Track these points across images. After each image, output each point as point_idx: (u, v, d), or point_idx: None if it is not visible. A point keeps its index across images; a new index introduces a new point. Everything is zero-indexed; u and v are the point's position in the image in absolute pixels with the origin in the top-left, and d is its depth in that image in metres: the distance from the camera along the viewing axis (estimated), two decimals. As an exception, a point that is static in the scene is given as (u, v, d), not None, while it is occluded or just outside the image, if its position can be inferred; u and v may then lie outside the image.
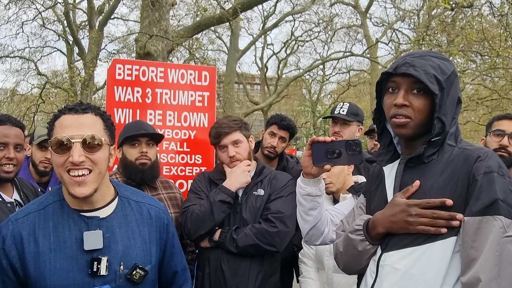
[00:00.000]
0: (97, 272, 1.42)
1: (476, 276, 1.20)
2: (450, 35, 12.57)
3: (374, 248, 1.47)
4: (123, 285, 1.48)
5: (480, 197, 1.25)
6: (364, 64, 26.15)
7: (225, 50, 22.81)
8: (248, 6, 11.03)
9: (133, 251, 1.51)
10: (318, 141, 1.55)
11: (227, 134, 2.35)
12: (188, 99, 3.07)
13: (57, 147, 1.40)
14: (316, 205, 1.66)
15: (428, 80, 1.34)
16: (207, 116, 3.10)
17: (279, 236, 2.22)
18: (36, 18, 21.31)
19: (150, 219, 1.60)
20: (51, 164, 2.72)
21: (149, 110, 2.98)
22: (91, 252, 1.44)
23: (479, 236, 1.23)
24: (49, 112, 30.52)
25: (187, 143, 3.05)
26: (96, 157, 1.43)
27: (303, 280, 2.45)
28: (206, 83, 3.13)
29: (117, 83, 2.96)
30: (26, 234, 1.42)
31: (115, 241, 1.49)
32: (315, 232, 1.71)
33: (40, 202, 1.52)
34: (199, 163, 3.04)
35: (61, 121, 1.46)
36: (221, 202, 2.24)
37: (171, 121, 3.03)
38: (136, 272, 1.48)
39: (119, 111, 2.92)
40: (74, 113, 1.46)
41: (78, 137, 1.40)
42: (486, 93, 20.60)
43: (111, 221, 1.51)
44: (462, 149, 1.37)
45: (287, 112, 29.14)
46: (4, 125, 2.03)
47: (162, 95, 3.02)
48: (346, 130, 2.90)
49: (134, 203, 1.60)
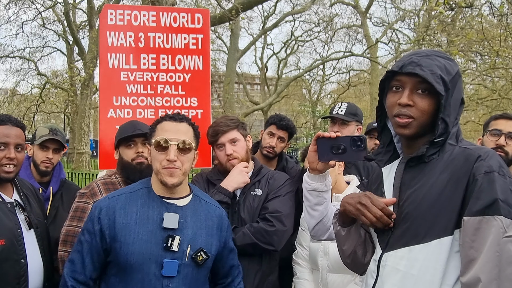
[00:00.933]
0: (170, 247, 1.71)
1: (476, 276, 1.19)
2: (450, 35, 12.58)
3: (346, 233, 1.54)
4: (188, 264, 1.75)
5: (480, 197, 1.24)
6: (364, 64, 26.18)
7: (225, 50, 22.84)
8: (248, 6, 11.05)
9: (199, 238, 1.80)
10: (324, 136, 1.56)
11: (225, 132, 2.37)
12: (181, 42, 3.03)
13: (158, 146, 1.77)
14: (322, 200, 1.67)
15: (435, 80, 1.32)
16: (201, 58, 3.06)
17: (277, 235, 2.23)
18: (36, 18, 21.34)
19: (215, 217, 1.90)
20: (52, 164, 2.73)
21: (142, 54, 2.96)
22: (168, 230, 1.74)
23: (478, 236, 1.22)
24: (49, 112, 30.61)
25: (182, 86, 3.01)
26: (185, 158, 1.79)
27: (298, 281, 2.45)
28: (200, 26, 3.08)
29: (109, 29, 2.93)
30: (118, 208, 1.77)
31: (187, 226, 1.79)
32: (321, 227, 1.71)
33: (132, 187, 1.89)
34: (195, 105, 3.02)
35: (162, 126, 1.83)
36: (218, 202, 2.25)
37: (165, 65, 2.99)
38: (200, 254, 1.76)
39: (112, 56, 2.90)
40: (173, 120, 1.83)
41: (175, 140, 1.76)
42: (486, 93, 20.61)
43: (186, 210, 1.82)
44: (463, 148, 1.36)
45: (287, 112, 29.15)
46: (5, 125, 2.04)
47: (155, 39, 2.99)
48: (345, 130, 2.90)
49: (204, 202, 1.92)
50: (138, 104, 2.93)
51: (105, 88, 2.90)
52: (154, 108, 2.95)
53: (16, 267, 1.90)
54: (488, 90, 19.26)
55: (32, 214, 2.10)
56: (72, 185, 2.93)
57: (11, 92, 27.15)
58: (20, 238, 1.95)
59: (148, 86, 2.96)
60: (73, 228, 2.18)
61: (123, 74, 2.92)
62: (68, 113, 27.84)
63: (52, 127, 2.78)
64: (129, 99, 2.92)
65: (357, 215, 1.42)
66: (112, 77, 2.90)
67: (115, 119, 2.88)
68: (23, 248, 1.95)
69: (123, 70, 2.92)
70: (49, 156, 2.69)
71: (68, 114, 27.99)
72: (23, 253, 1.95)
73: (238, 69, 24.67)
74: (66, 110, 27.88)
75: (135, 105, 2.93)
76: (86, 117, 18.86)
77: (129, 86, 2.92)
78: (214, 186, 2.36)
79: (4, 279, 1.86)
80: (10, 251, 1.89)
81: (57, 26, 23.30)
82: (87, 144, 19.83)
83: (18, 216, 2.02)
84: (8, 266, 1.87)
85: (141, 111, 2.94)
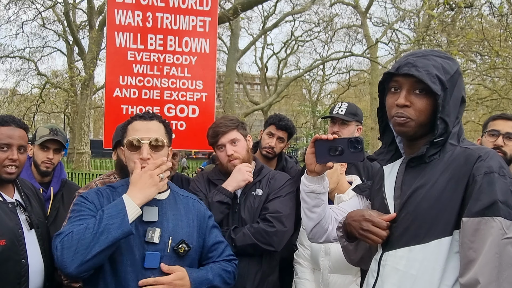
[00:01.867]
0: (151, 239, 1.73)
1: (475, 277, 1.19)
2: (450, 35, 12.58)
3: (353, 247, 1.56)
4: (170, 256, 1.77)
5: (479, 198, 1.23)
6: (364, 64, 26.17)
7: (225, 50, 22.82)
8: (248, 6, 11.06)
9: (180, 230, 1.82)
10: (321, 139, 1.56)
11: (224, 133, 2.37)
12: (189, 24, 3.00)
13: (130, 146, 1.80)
14: (320, 202, 1.67)
15: (430, 80, 1.33)
16: (208, 41, 3.03)
17: (277, 236, 2.23)
18: (36, 18, 21.34)
19: (194, 209, 1.93)
20: (53, 164, 2.73)
21: (150, 35, 2.93)
22: (148, 223, 1.76)
23: (478, 237, 1.21)
24: (49, 112, 30.63)
25: (188, 69, 2.99)
26: (158, 156, 1.80)
27: (299, 281, 2.45)
28: (208, 8, 3.04)
29: (117, 6, 2.89)
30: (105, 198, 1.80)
31: (167, 219, 1.81)
32: (319, 229, 1.71)
33: (113, 185, 1.91)
34: (200, 88, 2.99)
35: (133, 126, 1.85)
36: (219, 202, 2.25)
37: (172, 46, 2.96)
38: (181, 246, 1.78)
39: (120, 34, 2.87)
40: (143, 119, 1.85)
41: (146, 139, 1.78)
42: (486, 93, 20.62)
43: (165, 203, 1.85)
44: (464, 148, 1.36)
45: (287, 112, 29.15)
46: (9, 126, 2.03)
47: (162, 19, 2.95)
48: (345, 130, 2.89)
49: (182, 196, 1.96)
50: (144, 84, 2.91)
51: (112, 67, 2.88)
52: (160, 89, 2.93)
53: (16, 267, 1.90)
54: (488, 90, 19.26)
55: (33, 214, 2.10)
56: (73, 185, 2.93)
57: (11, 92, 27.15)
58: (21, 238, 1.95)
59: (155, 67, 2.93)
60: None
61: (130, 54, 2.90)
62: (68, 113, 27.86)
63: (52, 127, 2.78)
64: (135, 79, 2.90)
65: (363, 239, 1.47)
66: (119, 56, 2.88)
67: (121, 98, 2.87)
68: (24, 248, 1.95)
69: (130, 50, 2.89)
70: (50, 156, 2.69)
71: (68, 114, 28.00)
72: (24, 253, 1.95)
73: (238, 69, 24.68)
74: (66, 110, 27.90)
75: (141, 86, 2.90)
76: (86, 117, 18.86)
77: (136, 66, 2.90)
78: (215, 186, 2.36)
79: (4, 279, 1.86)
80: (11, 251, 1.89)
81: (57, 26, 23.33)
82: (87, 144, 19.82)
83: (19, 216, 2.02)
84: (9, 266, 1.87)
85: (147, 91, 2.91)
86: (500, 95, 17.60)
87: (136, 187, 1.71)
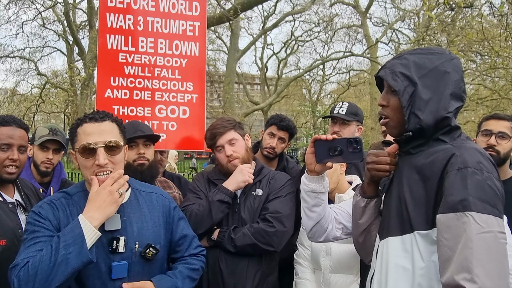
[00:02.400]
0: (116, 249, 1.65)
1: (453, 277, 1.16)
2: (450, 35, 12.58)
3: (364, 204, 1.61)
4: (138, 262, 1.71)
5: (452, 193, 1.22)
6: (364, 64, 26.15)
7: (225, 50, 22.82)
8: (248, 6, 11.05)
9: (146, 232, 1.74)
10: (320, 139, 1.59)
11: (222, 134, 2.38)
12: (179, 28, 3.10)
13: (84, 152, 1.65)
14: (320, 202, 1.69)
15: (392, 78, 1.38)
16: (198, 45, 3.14)
17: (276, 236, 2.23)
18: (36, 18, 21.30)
19: (158, 206, 1.84)
20: (52, 165, 2.73)
21: (141, 38, 3.01)
22: (111, 232, 1.67)
23: (451, 234, 1.20)
24: (49, 112, 30.60)
25: (179, 71, 3.08)
26: (116, 159, 1.69)
27: (299, 281, 2.44)
28: (197, 13, 3.17)
29: (109, 10, 2.98)
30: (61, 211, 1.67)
31: (131, 224, 1.72)
32: (319, 228, 1.73)
33: (67, 192, 1.77)
34: (191, 90, 3.08)
35: (84, 129, 1.69)
36: (219, 201, 2.25)
37: (163, 49, 3.05)
38: (149, 250, 1.71)
39: (111, 37, 2.94)
40: (94, 121, 1.69)
41: (101, 143, 1.64)
42: (486, 93, 20.60)
43: (127, 207, 1.75)
44: (449, 145, 1.36)
45: (287, 112, 29.12)
46: (9, 126, 2.04)
47: (153, 23, 3.05)
48: (345, 130, 2.90)
49: (144, 193, 1.85)
50: (136, 85, 2.97)
51: (103, 68, 2.94)
52: (151, 90, 3.00)
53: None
54: (488, 90, 19.25)
55: (33, 214, 2.10)
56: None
57: (11, 92, 27.12)
58: (21, 239, 1.95)
59: (146, 69, 3.00)
60: None
61: (121, 56, 2.96)
62: (68, 113, 27.83)
63: (52, 127, 2.78)
64: (127, 80, 2.96)
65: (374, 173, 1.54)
66: (110, 58, 2.95)
67: (112, 99, 2.92)
68: (24, 249, 1.95)
69: (121, 52, 2.96)
70: (49, 157, 2.69)
71: (68, 114, 27.97)
72: (24, 253, 1.94)
73: (238, 69, 24.65)
74: (66, 110, 27.87)
75: (132, 87, 2.96)
76: (86, 117, 18.82)
77: (127, 68, 2.96)
78: (215, 186, 2.36)
79: (5, 279, 1.86)
80: (11, 251, 1.89)
81: (57, 26, 23.29)
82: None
83: (19, 216, 2.03)
84: (9, 266, 1.87)
85: (138, 92, 2.97)
86: (500, 95, 17.59)
87: (94, 206, 1.58)
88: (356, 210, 1.64)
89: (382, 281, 1.39)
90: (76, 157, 1.70)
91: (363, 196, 1.62)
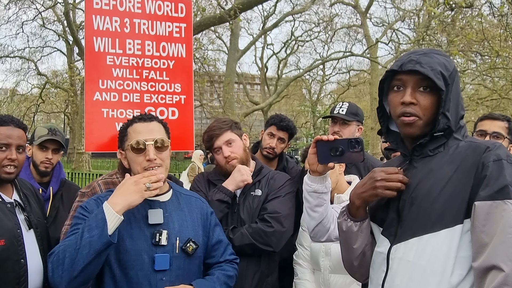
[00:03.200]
0: (159, 242, 1.75)
1: (489, 260, 1.20)
2: (450, 35, 12.59)
3: (358, 228, 1.52)
4: (179, 256, 1.80)
5: (490, 183, 1.26)
6: (364, 64, 26.18)
7: (225, 50, 22.84)
8: (248, 6, 11.05)
9: (186, 229, 1.84)
10: (322, 139, 1.59)
11: (219, 135, 2.38)
12: (165, 30, 3.11)
13: (135, 148, 1.80)
14: (322, 202, 1.69)
15: (436, 76, 1.35)
16: (184, 46, 3.15)
17: (275, 236, 2.23)
18: (36, 18, 21.33)
19: (196, 208, 1.95)
20: (52, 164, 2.72)
21: (128, 40, 3.01)
22: (154, 226, 1.78)
23: (489, 221, 1.23)
24: (49, 112, 30.63)
25: (166, 72, 3.08)
26: (164, 156, 1.83)
27: (299, 282, 2.43)
28: (183, 15, 3.17)
29: (95, 12, 2.97)
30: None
31: (172, 220, 1.83)
32: (321, 228, 1.73)
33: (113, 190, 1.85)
34: (179, 91, 3.08)
35: (134, 128, 1.84)
36: (218, 201, 2.25)
37: (150, 51, 3.05)
38: (189, 244, 1.80)
39: (98, 39, 2.93)
40: (143, 121, 1.86)
41: (150, 140, 1.79)
42: (486, 93, 20.62)
43: (169, 205, 1.87)
44: (469, 142, 1.40)
45: (287, 112, 29.15)
46: (7, 126, 2.03)
47: (140, 25, 3.05)
48: (346, 130, 2.89)
49: (184, 196, 1.97)
50: (124, 88, 2.96)
51: (91, 71, 2.95)
52: (140, 92, 3.00)
53: (16, 267, 1.90)
54: (488, 90, 19.26)
55: (32, 214, 2.10)
56: (72, 185, 2.93)
57: (11, 92, 27.15)
58: (20, 239, 1.95)
59: (134, 71, 3.00)
60: None
61: (109, 58, 2.96)
62: (68, 113, 27.87)
63: (51, 127, 2.78)
64: (115, 83, 2.95)
65: (381, 191, 1.44)
66: (98, 61, 2.94)
67: (101, 102, 2.91)
68: (23, 248, 1.95)
69: (109, 54, 2.96)
70: (49, 157, 2.69)
71: (68, 114, 28.01)
72: (23, 253, 1.94)
73: (238, 69, 24.67)
74: (66, 110, 27.91)
75: (121, 89, 2.96)
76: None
77: (115, 70, 2.96)
78: (215, 186, 2.36)
79: (3, 279, 1.86)
80: (10, 251, 1.89)
81: (57, 26, 23.31)
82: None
83: (18, 216, 2.02)
84: (8, 266, 1.87)
85: (127, 95, 2.98)
86: (500, 95, 17.61)
87: (118, 193, 1.68)
88: (348, 236, 1.56)
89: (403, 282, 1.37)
90: (126, 155, 1.85)
91: (355, 220, 1.54)
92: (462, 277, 1.29)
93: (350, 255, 1.59)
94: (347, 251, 1.60)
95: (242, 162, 2.39)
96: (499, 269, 1.18)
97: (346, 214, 1.56)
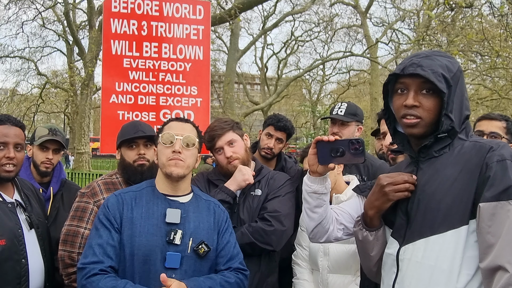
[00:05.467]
0: (173, 240, 1.81)
1: (495, 261, 1.21)
2: (450, 35, 12.59)
3: (374, 237, 1.54)
4: (190, 256, 1.83)
5: (494, 184, 1.26)
6: (364, 64, 26.16)
7: (225, 50, 22.84)
8: (248, 6, 11.06)
9: (201, 231, 1.89)
10: (322, 140, 1.59)
11: (220, 135, 2.37)
12: (183, 32, 3.12)
13: (165, 140, 1.91)
14: (321, 203, 1.68)
15: (437, 79, 1.36)
16: (202, 49, 3.15)
17: (275, 235, 2.23)
18: (36, 18, 21.33)
19: (214, 213, 2.00)
20: (52, 165, 2.73)
21: (145, 42, 3.03)
22: (170, 225, 1.84)
23: (495, 222, 1.23)
24: (49, 112, 30.61)
25: (183, 75, 3.09)
26: (189, 153, 1.91)
27: (297, 282, 2.43)
28: (201, 17, 3.17)
29: (113, 16, 3.00)
30: (125, 204, 1.88)
31: (189, 221, 1.88)
32: (320, 229, 1.72)
33: (137, 186, 2.00)
34: (195, 94, 3.09)
35: (169, 125, 1.98)
36: (220, 201, 2.24)
37: (167, 53, 3.07)
38: (201, 246, 1.84)
39: (116, 42, 2.97)
40: (179, 121, 2.00)
41: (180, 135, 1.91)
42: (486, 93, 20.61)
43: (188, 206, 1.93)
44: (474, 142, 1.41)
45: (287, 112, 29.16)
46: (4, 124, 2.04)
47: (157, 28, 3.07)
48: (345, 130, 2.89)
49: (204, 200, 2.02)
50: (140, 90, 2.99)
51: (108, 74, 2.97)
52: (156, 95, 3.02)
53: (17, 267, 1.91)
54: (488, 90, 19.25)
55: (33, 214, 2.11)
56: (73, 185, 2.93)
57: (11, 92, 27.14)
58: (21, 238, 1.96)
59: (150, 74, 3.03)
60: (74, 228, 2.18)
61: (126, 61, 2.98)
62: (68, 113, 27.83)
63: (51, 127, 2.78)
64: (131, 85, 2.98)
65: (392, 196, 1.46)
66: (115, 63, 2.98)
67: (117, 104, 2.94)
68: (24, 248, 1.96)
69: (125, 57, 2.98)
70: (49, 157, 2.69)
71: (68, 114, 27.98)
72: (24, 253, 1.95)
73: (238, 69, 24.67)
74: (66, 110, 27.87)
75: (137, 92, 2.98)
76: (86, 117, 18.85)
77: (131, 73, 2.99)
78: (215, 186, 2.36)
79: (5, 279, 1.87)
80: (11, 251, 1.89)
81: (57, 26, 23.32)
82: (87, 144, 19.82)
83: (19, 216, 2.03)
84: (9, 266, 1.88)
85: (143, 97, 3.00)
86: (500, 95, 17.59)
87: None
88: (365, 245, 1.59)
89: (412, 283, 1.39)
90: (158, 149, 1.95)
91: (370, 230, 1.57)
92: (470, 276, 1.31)
93: (368, 262, 1.63)
94: (365, 259, 1.64)
95: (243, 162, 2.39)
96: (505, 270, 1.18)
97: (361, 224, 1.59)
